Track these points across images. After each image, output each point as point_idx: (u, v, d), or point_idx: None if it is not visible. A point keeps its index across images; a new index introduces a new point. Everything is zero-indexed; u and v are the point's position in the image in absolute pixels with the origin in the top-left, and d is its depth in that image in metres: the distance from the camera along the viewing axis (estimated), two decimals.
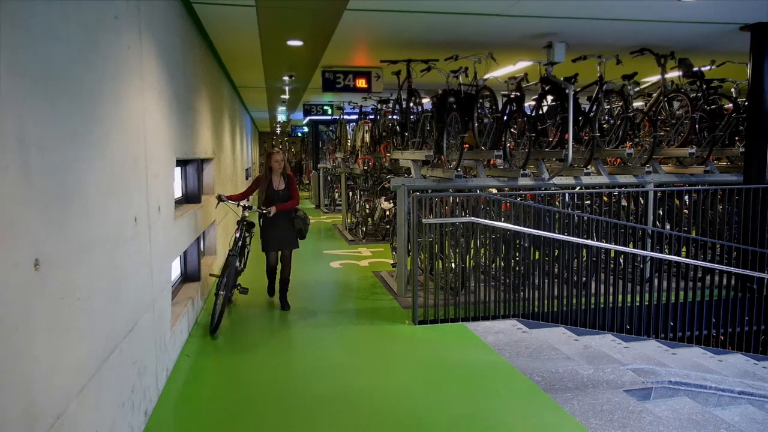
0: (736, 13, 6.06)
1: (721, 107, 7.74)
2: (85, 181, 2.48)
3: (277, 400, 3.83)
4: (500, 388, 4.02)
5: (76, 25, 2.43)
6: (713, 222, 6.45)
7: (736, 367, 5.31)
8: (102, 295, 2.67)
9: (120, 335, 2.93)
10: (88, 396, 2.43)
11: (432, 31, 6.61)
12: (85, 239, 2.45)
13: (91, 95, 2.59)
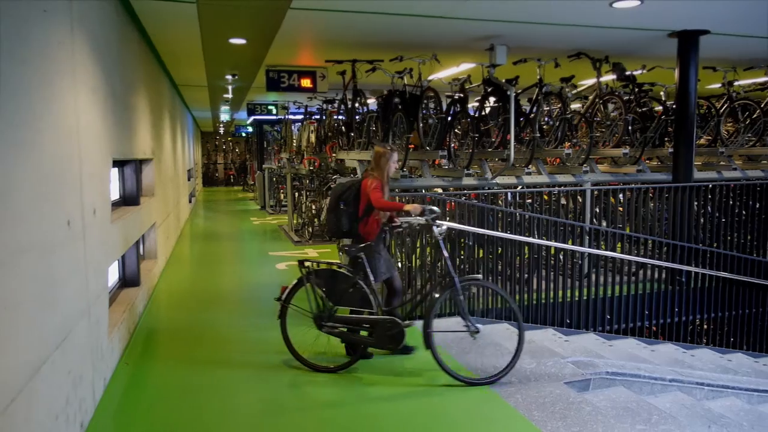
0: (664, 20, 6.37)
1: (651, 109, 8.13)
2: (12, 183, 2.35)
3: (222, 407, 3.75)
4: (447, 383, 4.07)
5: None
6: (645, 219, 6.76)
7: (667, 356, 5.59)
8: (33, 303, 2.54)
9: (53, 345, 2.80)
10: (17, 410, 2.31)
11: (377, 31, 6.64)
12: (13, 245, 2.33)
13: (17, 93, 2.46)
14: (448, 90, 7.44)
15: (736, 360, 6.06)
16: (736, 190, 7.13)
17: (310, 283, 4.29)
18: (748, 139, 8.40)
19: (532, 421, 3.43)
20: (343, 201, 4.34)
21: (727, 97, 8.20)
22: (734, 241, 7.08)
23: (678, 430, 3.44)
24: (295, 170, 11.84)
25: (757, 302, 6.68)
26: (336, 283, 4.29)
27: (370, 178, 4.32)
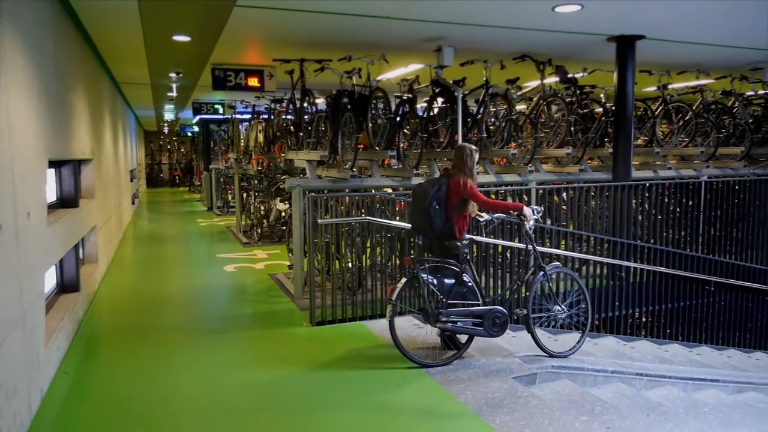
0: (603, 25, 6.61)
1: (592, 111, 8.43)
2: None
3: (166, 415, 3.65)
4: (398, 383, 4.10)
5: None
6: (587, 216, 6.99)
7: (608, 348, 5.80)
8: None
9: None
10: None
11: (325, 31, 6.61)
12: None
13: None
14: (397, 90, 7.48)
15: (672, 350, 6.35)
16: (671, 188, 7.47)
17: (422, 279, 4.30)
18: (681, 139, 8.82)
19: (482, 416, 3.49)
20: (436, 200, 4.35)
21: (662, 100, 8.58)
22: (669, 237, 7.42)
23: (619, 419, 3.58)
24: (243, 170, 11.64)
25: (690, 295, 7.02)
26: (445, 278, 4.37)
27: (459, 177, 4.37)
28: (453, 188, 4.39)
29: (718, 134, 8.74)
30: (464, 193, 4.36)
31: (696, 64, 8.91)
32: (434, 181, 4.50)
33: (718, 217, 7.62)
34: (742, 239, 7.82)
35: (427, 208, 4.35)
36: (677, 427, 3.77)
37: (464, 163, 4.43)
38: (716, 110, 9.11)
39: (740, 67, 9.24)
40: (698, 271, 6.99)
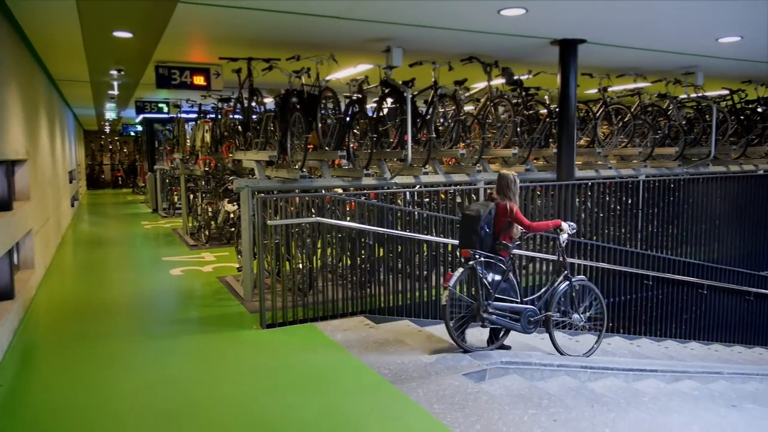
0: (546, 29, 6.80)
1: (537, 112, 8.66)
2: None
3: (111, 423, 3.52)
4: (349, 384, 4.10)
5: None
6: (534, 215, 7.16)
7: None
8: None
9: None
10: None
11: (273, 29, 6.53)
12: None
13: None
14: (346, 90, 7.47)
15: (615, 343, 6.60)
16: (612, 187, 7.75)
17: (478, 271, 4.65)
18: (621, 140, 9.17)
19: (433, 413, 3.53)
20: (486, 224, 4.76)
21: (603, 102, 8.91)
22: (611, 233, 7.70)
23: (565, 411, 3.69)
24: (190, 171, 11.36)
25: (630, 289, 7.31)
26: (495, 274, 4.77)
27: (506, 202, 4.81)
28: (500, 212, 4.81)
29: (655, 135, 9.13)
30: (510, 218, 4.80)
31: (634, 68, 9.29)
32: (483, 206, 4.84)
33: (655, 214, 7.96)
34: (677, 235, 8.19)
35: (478, 231, 4.73)
36: (619, 416, 3.92)
37: (509, 189, 4.86)
38: (653, 112, 9.53)
39: (674, 71, 9.69)
40: (638, 266, 7.29)
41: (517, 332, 4.91)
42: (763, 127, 10.52)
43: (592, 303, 5.35)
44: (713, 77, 10.32)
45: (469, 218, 4.80)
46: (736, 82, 10.69)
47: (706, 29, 6.97)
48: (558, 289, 5.08)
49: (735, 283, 8.18)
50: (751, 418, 4.71)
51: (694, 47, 7.97)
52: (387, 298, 5.86)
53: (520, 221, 4.81)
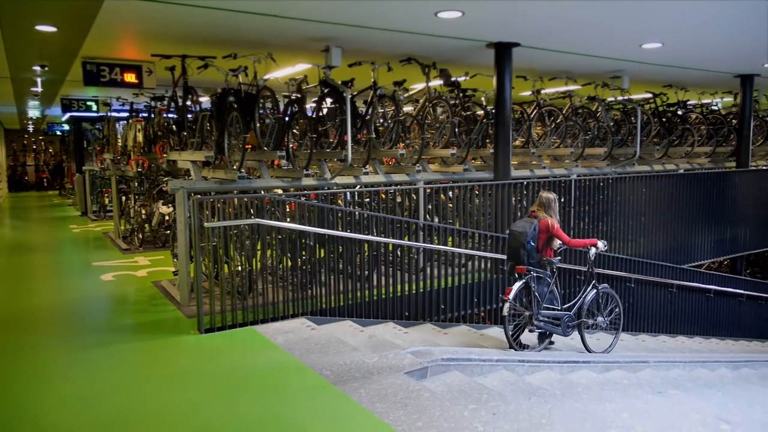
0: (482, 32, 6.96)
1: (474, 113, 8.84)
2: None
3: None
4: (291, 387, 4.05)
5: None
6: (472, 214, 7.32)
7: (494, 339, 6.11)
8: None
9: None
10: None
11: (208, 26, 6.37)
12: None
13: None
14: (285, 90, 7.38)
15: None
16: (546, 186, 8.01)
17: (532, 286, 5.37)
18: (553, 141, 9.51)
19: (376, 413, 3.54)
20: (531, 239, 5.41)
21: (537, 104, 9.20)
22: None
23: (504, 404, 3.79)
24: (121, 172, 10.91)
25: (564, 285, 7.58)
26: (543, 286, 5.50)
27: (547, 219, 5.52)
28: (542, 228, 5.51)
29: (585, 136, 9.52)
30: (551, 233, 5.51)
31: (565, 71, 9.65)
32: (528, 223, 5.51)
33: (586, 212, 8.29)
34: (607, 232, 8.57)
35: (525, 245, 5.40)
36: (555, 407, 4.06)
37: (550, 207, 5.61)
38: (583, 114, 9.92)
39: (602, 75, 10.14)
40: (571, 262, 7.58)
41: (558, 335, 5.74)
42: (683, 129, 11.18)
43: (613, 308, 6.15)
44: (638, 81, 10.88)
45: (517, 234, 5.44)
46: (659, 86, 11.31)
47: (631, 36, 7.33)
48: (588, 297, 5.86)
49: (659, 276, 8.65)
50: (675, 403, 4.99)
51: (620, 52, 8.37)
52: (328, 299, 5.83)
53: (561, 237, 5.53)
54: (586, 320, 5.84)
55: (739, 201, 10.91)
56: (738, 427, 4.59)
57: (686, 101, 11.56)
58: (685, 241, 9.88)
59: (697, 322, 9.33)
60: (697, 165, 11.45)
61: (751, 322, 10.32)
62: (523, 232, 5.42)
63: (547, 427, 3.45)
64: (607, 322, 6.08)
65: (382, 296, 6.14)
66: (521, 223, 5.54)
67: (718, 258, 11.29)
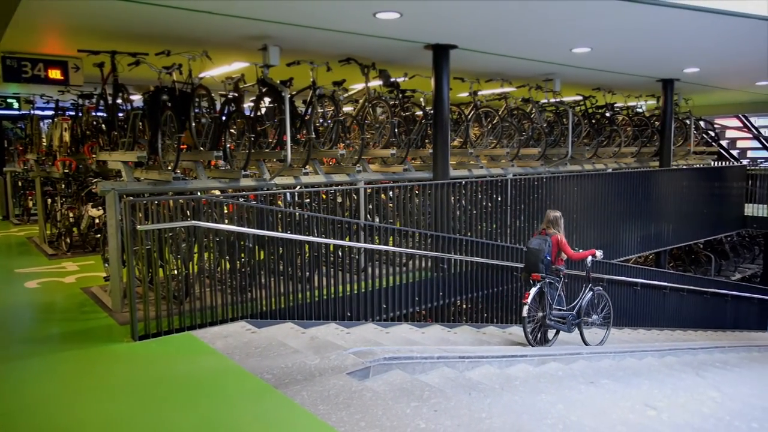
0: (420, 34, 7.05)
1: (414, 114, 8.94)
2: None
3: None
4: (231, 392, 3.97)
5: None
6: (412, 213, 7.40)
7: (435, 336, 6.22)
8: None
9: None
10: None
11: (139, 22, 6.15)
12: None
13: None
14: (221, 89, 7.22)
15: (489, 332, 7.00)
16: (483, 185, 8.21)
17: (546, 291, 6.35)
18: (490, 141, 9.74)
19: (318, 415, 3.52)
20: (548, 254, 6.34)
21: (474, 105, 9.40)
22: (483, 229, 8.15)
23: (445, 401, 3.85)
24: (47, 173, 10.34)
25: (502, 281, 7.81)
26: (553, 290, 6.49)
27: (557, 236, 6.53)
28: (554, 244, 6.49)
29: (520, 137, 9.81)
30: (560, 248, 6.55)
31: (500, 74, 9.91)
32: (542, 240, 6.42)
33: (522, 210, 8.55)
34: None
35: (543, 260, 6.31)
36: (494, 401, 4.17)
37: (557, 224, 6.61)
38: (518, 115, 10.23)
39: (536, 77, 10.48)
40: (508, 259, 7.80)
41: (564, 332, 6.73)
42: (611, 130, 11.72)
43: (604, 306, 7.23)
44: (569, 84, 11.31)
45: (535, 251, 6.37)
46: (588, 89, 11.80)
47: (562, 40, 7.61)
48: (586, 298, 6.90)
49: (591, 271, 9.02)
50: (606, 392, 5.23)
51: (552, 56, 8.68)
52: (269, 301, 5.75)
53: (567, 252, 6.58)
54: (585, 318, 6.89)
55: (662, 198, 11.55)
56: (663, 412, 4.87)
57: (613, 104, 12.13)
58: (613, 237, 10.36)
59: (626, 314, 9.81)
60: (624, 164, 12.04)
61: (674, 312, 10.96)
62: (540, 249, 6.34)
63: (486, 421, 3.53)
64: (601, 319, 7.16)
65: (324, 297, 6.11)
66: (536, 241, 6.43)
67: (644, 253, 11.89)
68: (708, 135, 17.16)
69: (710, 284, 12.01)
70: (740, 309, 12.87)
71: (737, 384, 6.55)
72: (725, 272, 16.09)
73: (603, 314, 7.23)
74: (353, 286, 6.37)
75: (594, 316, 7.06)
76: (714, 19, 6.44)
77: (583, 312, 6.85)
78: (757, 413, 5.31)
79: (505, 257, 7.79)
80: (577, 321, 6.81)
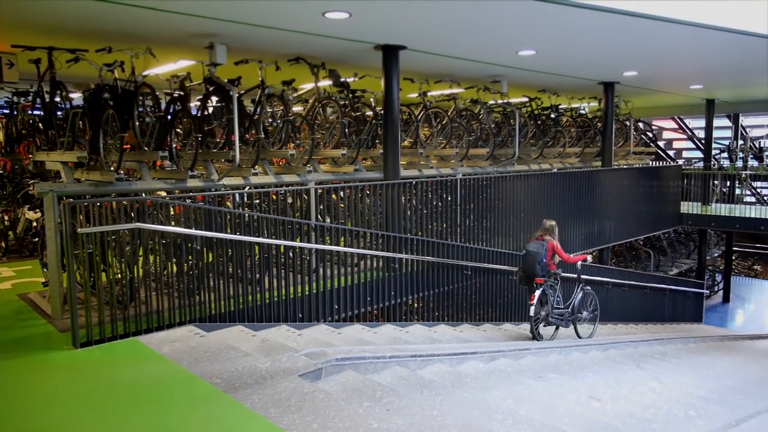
0: (370, 34, 7.07)
1: (364, 114, 8.95)
2: None
3: None
4: (179, 399, 3.87)
5: None
6: (363, 213, 7.41)
7: (387, 335, 6.24)
8: None
9: None
10: None
11: (79, 17, 5.92)
12: None
13: None
14: (167, 87, 7.03)
15: (440, 330, 7.09)
16: (433, 185, 8.30)
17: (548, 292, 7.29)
18: (440, 141, 9.86)
19: (269, 418, 3.48)
20: (543, 257, 7.13)
21: (423, 106, 9.50)
22: (434, 228, 8.24)
23: (397, 399, 3.88)
24: None
25: (453, 279, 7.92)
26: (553, 291, 7.41)
27: (553, 242, 7.33)
28: (549, 249, 7.27)
29: (469, 137, 9.97)
30: (555, 251, 7.35)
31: (449, 75, 10.05)
32: (540, 245, 7.20)
33: (471, 209, 8.69)
34: (490, 228, 9.05)
35: (540, 262, 7.10)
36: (445, 399, 4.23)
37: (552, 232, 7.43)
38: (467, 116, 10.39)
39: (483, 79, 10.68)
40: (458, 257, 7.92)
41: (562, 327, 7.69)
42: (556, 131, 12.07)
43: (591, 302, 8.22)
44: (516, 86, 11.59)
45: (533, 254, 7.15)
46: (534, 91, 12.11)
47: (508, 43, 7.79)
48: (578, 297, 7.86)
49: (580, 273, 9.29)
50: (553, 385, 5.38)
51: (499, 58, 8.87)
52: (218, 304, 5.64)
53: (561, 256, 7.40)
54: (578, 315, 7.87)
55: (605, 197, 11.99)
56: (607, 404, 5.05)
57: (558, 105, 12.49)
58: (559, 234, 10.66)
59: None
60: (568, 164, 12.42)
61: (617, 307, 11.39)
62: (538, 252, 7.14)
63: (438, 418, 3.57)
64: (590, 314, 8.18)
65: (275, 299, 6.04)
66: (535, 245, 7.23)
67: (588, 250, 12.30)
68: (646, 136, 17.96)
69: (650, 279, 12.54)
70: (678, 302, 13.51)
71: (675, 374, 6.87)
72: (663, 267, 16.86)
73: (591, 310, 8.19)
74: (305, 288, 6.32)
75: (584, 312, 8.04)
76: (650, 24, 6.73)
77: (576, 309, 7.80)
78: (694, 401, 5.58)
79: (456, 256, 7.90)
80: (572, 317, 7.73)
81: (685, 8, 6.50)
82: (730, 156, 17.93)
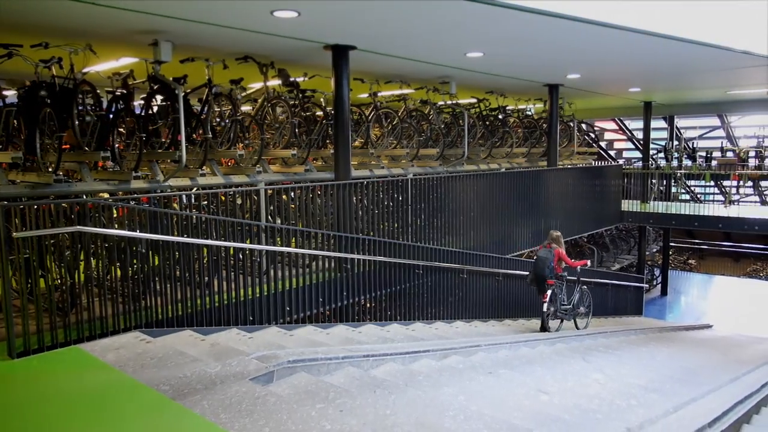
0: (319, 34, 7.03)
1: (314, 114, 8.89)
2: None
3: None
4: (124, 408, 3.75)
5: None
6: (315, 214, 7.36)
7: (339, 336, 6.22)
8: None
9: None
10: None
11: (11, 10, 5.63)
12: None
13: None
14: (108, 85, 6.79)
15: (393, 330, 7.12)
16: (384, 185, 8.33)
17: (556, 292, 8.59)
18: (390, 142, 9.91)
19: (220, 424, 3.41)
20: (551, 262, 8.27)
21: (374, 106, 9.52)
22: (385, 228, 8.27)
23: (350, 400, 3.87)
24: None
25: (405, 279, 7.97)
26: (559, 290, 8.64)
27: (559, 249, 8.48)
28: (556, 254, 8.40)
29: (419, 137, 10.06)
30: (561, 258, 8.46)
31: (399, 75, 10.11)
32: (549, 252, 8.37)
33: (422, 209, 8.78)
34: (441, 227, 9.16)
35: (549, 266, 8.25)
36: (398, 397, 4.25)
37: (558, 241, 8.56)
38: (417, 117, 10.49)
39: (433, 80, 10.80)
40: (409, 257, 7.98)
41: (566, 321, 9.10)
42: (504, 132, 12.33)
43: (587, 299, 9.61)
44: (464, 87, 11.77)
45: (543, 259, 8.29)
46: (482, 92, 12.34)
47: (456, 44, 7.90)
48: (577, 295, 9.26)
49: (487, 266, 9.46)
50: (503, 381, 5.49)
51: (448, 60, 8.99)
52: (165, 308, 5.48)
53: (566, 261, 8.53)
54: (577, 310, 9.26)
55: (550, 196, 12.33)
56: (555, 396, 5.19)
57: (505, 106, 12.77)
58: (507, 233, 10.91)
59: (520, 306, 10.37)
60: (516, 164, 12.72)
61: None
62: (547, 258, 8.27)
63: (391, 417, 3.59)
64: (585, 309, 9.57)
65: (225, 302, 5.93)
66: (544, 252, 8.39)
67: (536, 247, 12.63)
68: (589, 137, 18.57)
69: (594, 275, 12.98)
70: (620, 296, 14.04)
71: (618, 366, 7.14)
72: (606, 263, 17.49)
73: (586, 305, 9.61)
74: (255, 290, 6.22)
75: (581, 308, 9.43)
76: (592, 29, 6.97)
77: (576, 305, 9.19)
78: (635, 391, 5.82)
79: (407, 256, 7.96)
80: (573, 312, 9.15)
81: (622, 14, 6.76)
82: (667, 156, 18.77)
